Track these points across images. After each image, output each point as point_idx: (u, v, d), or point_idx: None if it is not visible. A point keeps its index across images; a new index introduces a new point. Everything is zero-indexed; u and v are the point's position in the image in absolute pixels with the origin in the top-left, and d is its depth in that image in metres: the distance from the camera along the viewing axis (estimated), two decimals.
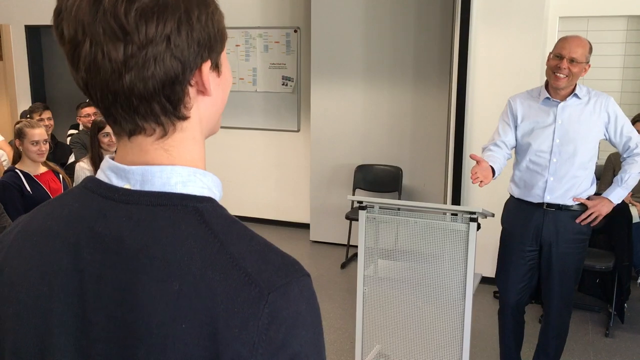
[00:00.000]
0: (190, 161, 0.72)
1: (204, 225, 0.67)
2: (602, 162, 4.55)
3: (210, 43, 0.69)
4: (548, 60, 2.76)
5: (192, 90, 0.70)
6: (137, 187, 0.69)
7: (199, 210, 0.68)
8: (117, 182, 0.70)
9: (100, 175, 0.73)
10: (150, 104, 0.67)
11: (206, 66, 0.70)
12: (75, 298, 0.68)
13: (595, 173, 2.91)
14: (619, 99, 4.70)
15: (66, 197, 0.75)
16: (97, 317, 0.67)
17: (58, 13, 0.67)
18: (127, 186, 0.70)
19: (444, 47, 4.89)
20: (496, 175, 2.78)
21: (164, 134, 0.70)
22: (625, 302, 3.96)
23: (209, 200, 0.71)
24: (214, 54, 0.71)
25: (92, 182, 0.73)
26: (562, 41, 2.71)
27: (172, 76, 0.66)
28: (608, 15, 4.64)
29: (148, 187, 0.69)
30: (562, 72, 2.66)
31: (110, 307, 0.66)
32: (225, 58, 0.74)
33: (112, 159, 0.73)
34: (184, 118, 0.71)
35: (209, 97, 0.72)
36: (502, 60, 4.25)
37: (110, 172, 0.71)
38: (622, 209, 3.75)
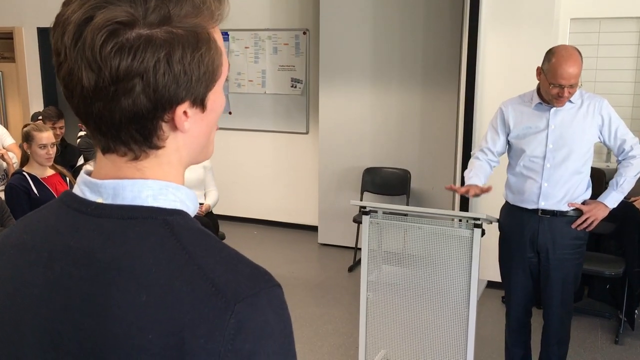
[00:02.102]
0: (164, 179, 0.73)
1: (173, 238, 0.68)
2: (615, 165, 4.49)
3: (191, 85, 0.69)
4: (539, 74, 2.69)
5: (165, 125, 0.70)
6: (109, 201, 0.71)
7: (168, 222, 0.69)
8: (90, 196, 0.72)
9: (75, 189, 0.75)
10: (118, 132, 0.69)
11: (181, 107, 0.70)
12: (45, 310, 0.70)
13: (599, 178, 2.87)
14: (632, 101, 4.63)
15: (43, 211, 0.77)
16: (66, 329, 0.68)
17: (55, 24, 0.70)
18: (99, 200, 0.71)
19: (452, 49, 4.85)
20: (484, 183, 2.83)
21: (136, 157, 0.71)
22: (635, 308, 3.90)
23: (179, 213, 0.71)
24: (195, 94, 0.70)
25: (67, 197, 0.75)
26: (558, 67, 2.56)
27: (140, 113, 0.68)
28: (620, 17, 4.58)
29: (119, 201, 0.70)
30: (564, 98, 2.65)
31: (79, 319, 0.67)
32: (216, 92, 0.73)
33: (89, 174, 0.74)
34: (157, 147, 0.71)
35: (183, 133, 0.72)
36: (511, 63, 4.20)
37: (84, 187, 0.73)
38: (632, 214, 3.70)
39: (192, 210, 0.74)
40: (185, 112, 0.70)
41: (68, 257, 0.70)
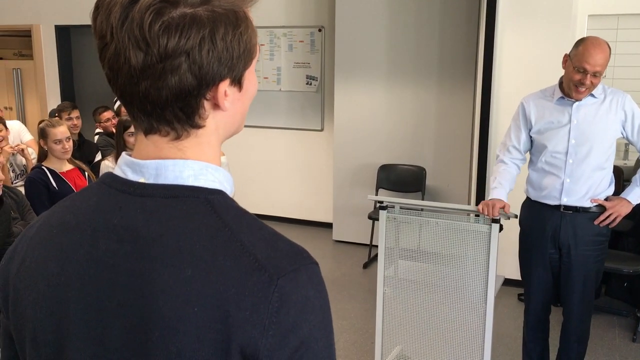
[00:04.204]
0: (204, 160, 0.75)
1: (215, 215, 0.70)
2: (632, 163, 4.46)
3: (233, 62, 0.71)
4: (565, 62, 2.68)
5: (207, 104, 0.73)
6: (152, 181, 0.73)
7: (210, 201, 0.72)
8: (132, 176, 0.74)
9: (117, 170, 0.76)
10: (163, 111, 0.71)
11: (223, 84, 0.72)
12: (91, 287, 0.71)
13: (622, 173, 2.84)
14: None
15: (85, 192, 0.79)
16: (112, 305, 0.70)
17: (96, 7, 0.71)
18: (142, 180, 0.73)
19: (469, 46, 4.83)
20: (508, 192, 2.81)
21: (178, 137, 0.73)
22: None
23: (219, 193, 0.74)
24: (235, 72, 0.72)
25: (109, 178, 0.77)
26: (585, 52, 2.55)
27: (186, 90, 0.69)
28: (638, 13, 4.53)
29: (162, 180, 0.72)
30: (584, 87, 2.59)
31: (125, 294, 0.69)
32: (251, 72, 0.76)
33: (130, 155, 0.76)
34: (199, 127, 0.74)
35: (225, 111, 0.75)
36: (528, 60, 4.18)
37: (126, 167, 0.75)
38: None
39: (229, 191, 0.76)
40: (225, 91, 0.72)
41: (112, 235, 0.71)
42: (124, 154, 0.78)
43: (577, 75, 2.59)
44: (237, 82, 0.74)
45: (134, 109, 0.72)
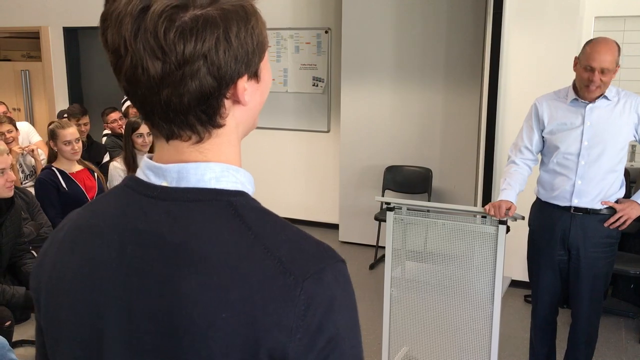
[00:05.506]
0: (225, 161, 0.75)
1: (238, 219, 0.70)
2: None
3: (248, 58, 0.71)
4: (575, 65, 2.70)
5: (227, 102, 0.72)
6: (174, 184, 0.73)
7: (232, 203, 0.71)
8: (155, 180, 0.74)
9: (139, 174, 0.77)
10: (186, 116, 0.71)
11: (242, 81, 0.72)
12: (121, 291, 0.72)
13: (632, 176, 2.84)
14: None
15: (109, 196, 0.79)
16: (143, 310, 0.70)
17: (104, 20, 0.70)
18: (164, 184, 0.73)
19: (475, 47, 4.84)
20: (518, 193, 2.81)
21: (200, 139, 0.73)
22: None
23: (241, 194, 0.73)
24: (252, 67, 0.72)
25: (132, 181, 0.77)
26: (591, 50, 2.60)
27: (207, 92, 0.69)
28: None
29: (184, 184, 0.72)
30: (594, 84, 2.60)
31: (154, 299, 0.69)
32: (265, 62, 0.76)
33: (151, 158, 0.76)
34: (220, 126, 0.73)
35: (245, 106, 0.75)
36: (534, 62, 4.18)
37: (148, 171, 0.75)
38: None
39: (251, 191, 0.76)
40: (244, 87, 0.72)
41: (138, 240, 0.72)
42: (145, 157, 0.78)
43: (586, 74, 2.61)
44: (254, 75, 0.74)
45: (155, 118, 0.72)
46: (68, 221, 0.82)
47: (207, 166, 0.73)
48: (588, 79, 2.61)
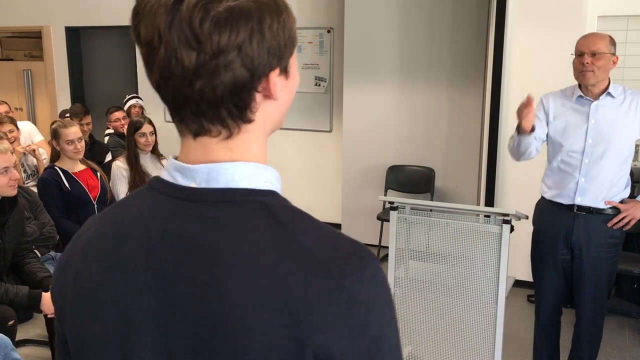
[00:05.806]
0: (253, 158, 0.74)
1: (272, 218, 0.69)
2: None
3: (280, 51, 0.70)
4: (573, 62, 2.72)
5: (259, 96, 0.71)
6: (203, 185, 0.71)
7: (265, 203, 0.70)
8: (182, 181, 0.72)
9: (165, 175, 0.74)
10: (218, 109, 0.69)
11: (274, 74, 0.71)
12: (151, 297, 0.70)
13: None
14: None
15: (134, 199, 0.77)
16: (175, 314, 0.68)
17: (136, 14, 0.69)
18: (192, 185, 0.71)
19: (479, 47, 4.83)
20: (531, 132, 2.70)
21: (229, 135, 0.72)
22: None
23: (272, 194, 0.72)
24: (283, 60, 0.72)
25: (158, 183, 0.75)
26: (580, 39, 2.70)
27: (240, 84, 0.68)
28: None
29: (213, 185, 0.71)
30: (586, 67, 2.61)
31: (188, 303, 0.67)
32: (294, 59, 0.75)
33: (176, 158, 0.74)
34: (250, 121, 0.72)
35: (275, 101, 0.74)
36: (538, 61, 4.18)
37: (175, 172, 0.73)
38: None
39: (279, 189, 0.75)
40: (275, 81, 0.72)
41: (167, 244, 0.70)
42: (171, 158, 0.75)
43: (577, 60, 2.66)
44: (284, 70, 0.73)
45: (187, 112, 0.71)
46: (89, 227, 0.79)
47: (236, 166, 0.71)
48: (580, 63, 2.64)
